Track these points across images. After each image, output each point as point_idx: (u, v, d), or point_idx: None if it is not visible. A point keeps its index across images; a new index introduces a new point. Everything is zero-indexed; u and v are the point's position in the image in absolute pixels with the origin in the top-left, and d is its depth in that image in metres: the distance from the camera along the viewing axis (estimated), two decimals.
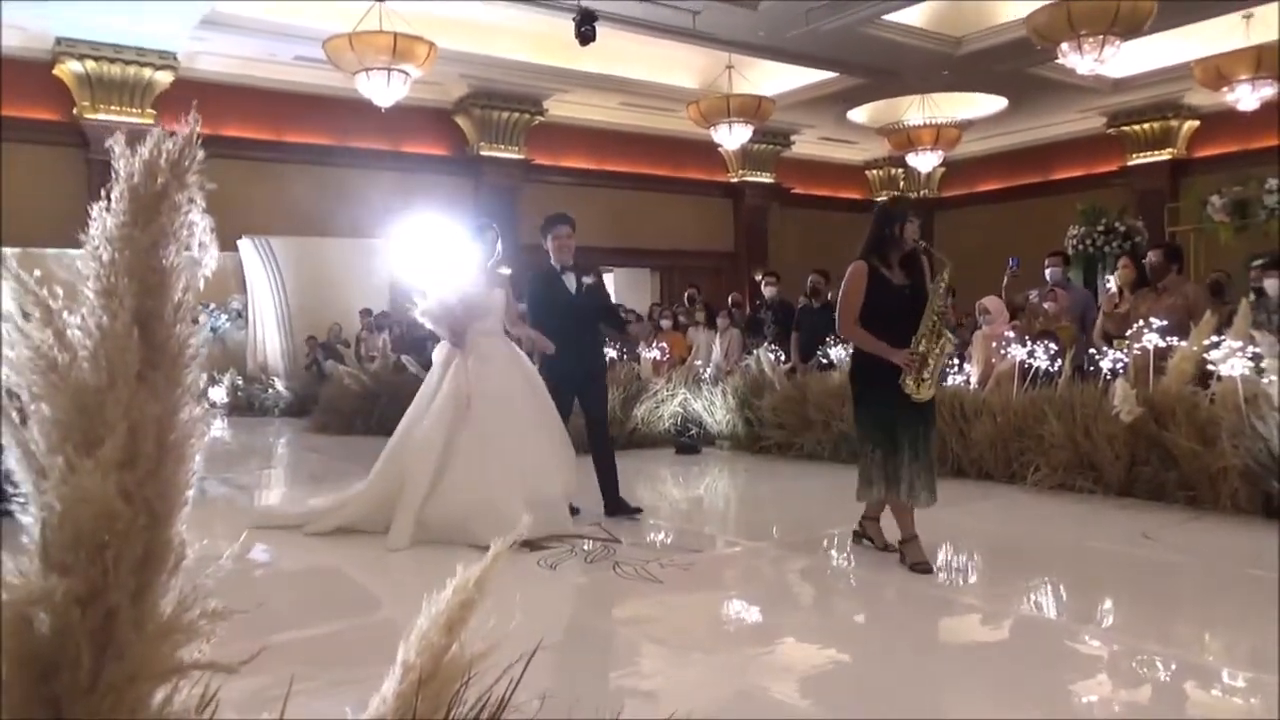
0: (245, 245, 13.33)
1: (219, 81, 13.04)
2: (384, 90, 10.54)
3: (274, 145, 13.71)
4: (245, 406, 12.79)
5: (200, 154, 0.95)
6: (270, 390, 12.75)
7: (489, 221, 5.49)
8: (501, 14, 11.40)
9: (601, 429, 5.39)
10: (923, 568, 4.03)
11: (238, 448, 10.01)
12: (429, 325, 5.17)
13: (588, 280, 5.46)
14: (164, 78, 12.35)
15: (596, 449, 5.34)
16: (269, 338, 13.52)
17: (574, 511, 5.01)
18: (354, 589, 3.96)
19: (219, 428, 11.63)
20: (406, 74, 10.52)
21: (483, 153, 14.77)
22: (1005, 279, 8.94)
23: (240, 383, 13.14)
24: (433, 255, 6.04)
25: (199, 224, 0.95)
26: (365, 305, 13.04)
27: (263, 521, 5.25)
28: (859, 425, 4.34)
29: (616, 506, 5.24)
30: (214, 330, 14.09)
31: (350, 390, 10.25)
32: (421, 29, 10.38)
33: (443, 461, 4.68)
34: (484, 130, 14.72)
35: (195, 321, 0.98)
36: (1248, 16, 11.22)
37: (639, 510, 5.27)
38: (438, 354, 5.15)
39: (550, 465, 4.80)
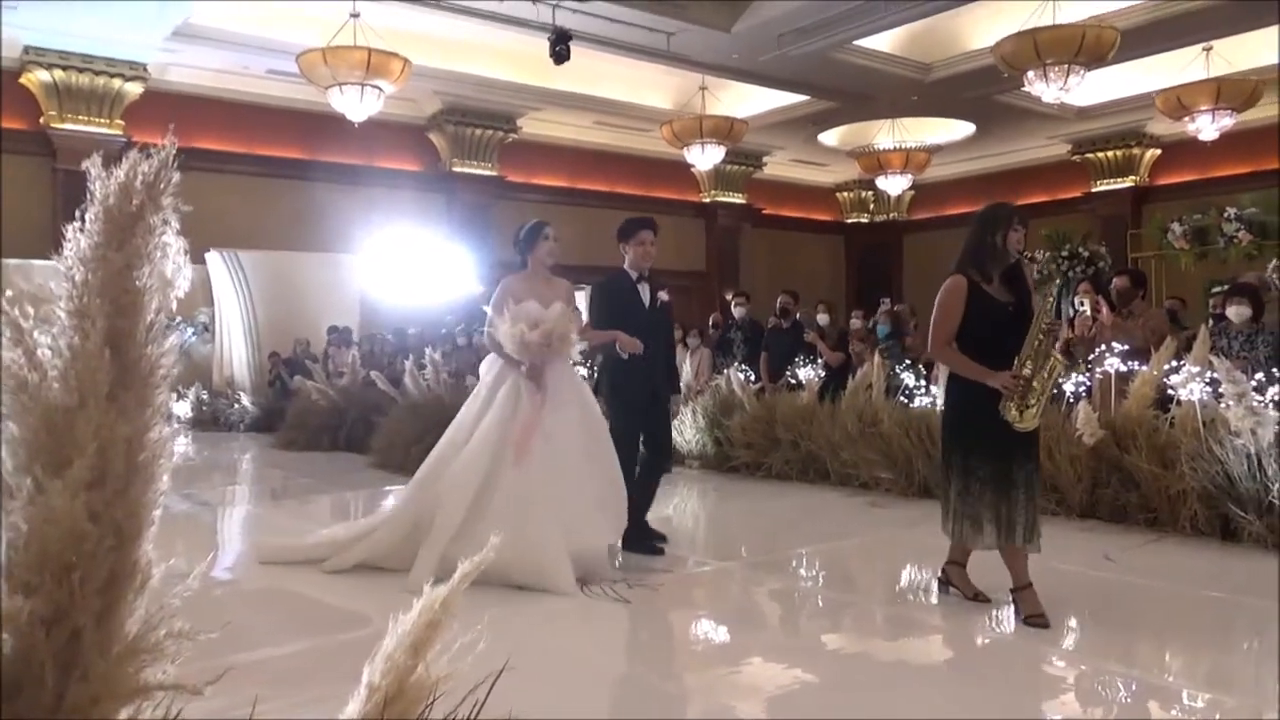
0: (213, 258, 13.20)
1: (190, 93, 12.97)
2: (357, 105, 10.53)
3: (245, 158, 13.63)
4: (210, 421, 12.63)
5: (176, 176, 0.95)
6: (236, 405, 12.60)
7: (541, 222, 4.72)
8: (476, 31, 11.44)
9: (663, 459, 4.90)
10: (1039, 621, 3.54)
11: (201, 463, 9.88)
12: (500, 356, 4.44)
13: (663, 295, 4.92)
14: (134, 89, 12.24)
15: (646, 475, 4.82)
16: (236, 352, 13.38)
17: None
18: (321, 608, 3.91)
19: (183, 443, 11.47)
20: (380, 89, 10.51)
21: (455, 169, 14.78)
22: None
23: (205, 397, 12.98)
24: (405, 270, 5.78)
25: (173, 245, 0.95)
26: (334, 322, 12.95)
27: (274, 556, 4.68)
28: (960, 458, 3.72)
29: (640, 531, 4.74)
30: (180, 344, 13.88)
31: (318, 406, 10.16)
32: (396, 45, 10.39)
33: (481, 497, 4.10)
34: (457, 146, 14.73)
35: (167, 342, 0.98)
36: (1207, 49, 11.53)
37: (663, 538, 4.84)
38: (486, 369, 4.57)
39: (598, 513, 4.25)
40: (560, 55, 10.41)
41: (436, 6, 10.54)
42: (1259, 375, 4.97)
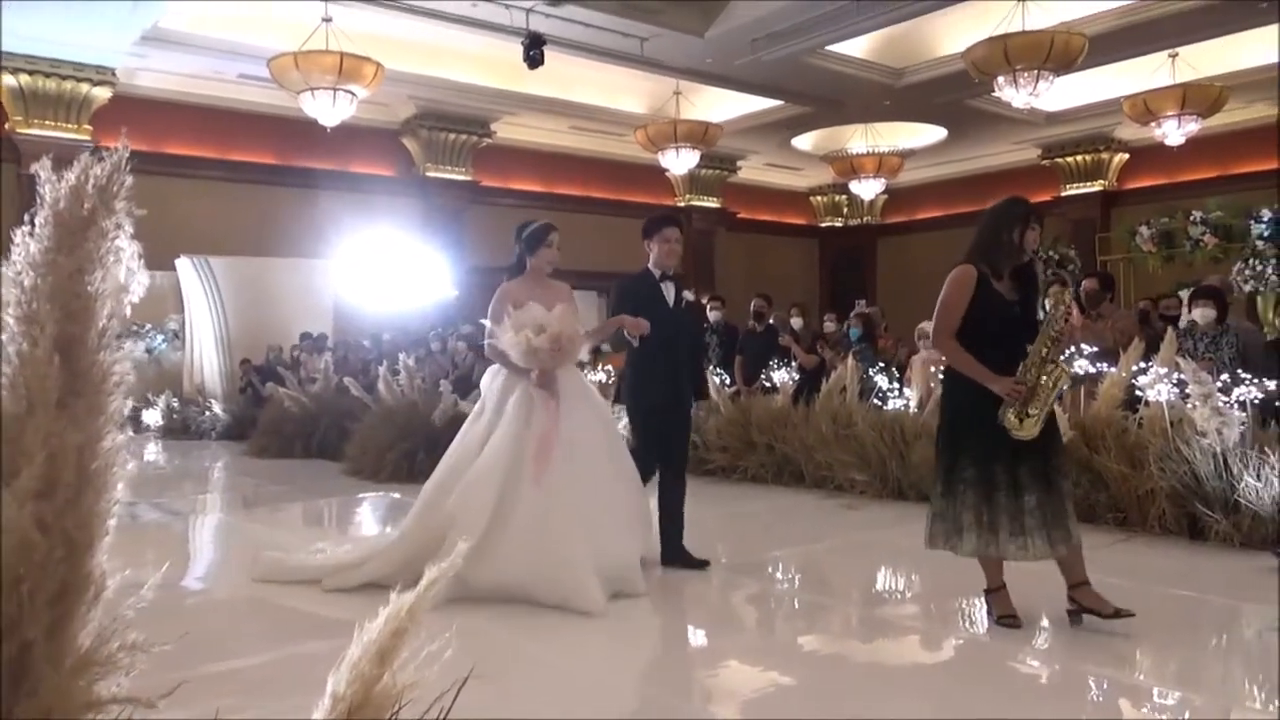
0: (183, 265, 13.06)
1: (160, 98, 12.84)
2: (330, 110, 10.46)
3: (216, 163, 13.51)
4: (181, 429, 12.47)
5: (129, 180, 0.94)
6: (207, 413, 12.46)
7: (547, 226, 4.43)
8: (450, 36, 11.40)
9: (680, 466, 4.64)
10: (1123, 611, 3.41)
11: (172, 471, 9.77)
12: (504, 365, 4.19)
13: (688, 295, 4.70)
14: (102, 93, 12.09)
15: (667, 489, 4.59)
16: (207, 359, 13.23)
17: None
18: (297, 617, 3.86)
19: (153, 451, 11.34)
20: (353, 94, 10.45)
21: (429, 174, 14.72)
22: None
23: (176, 405, 12.82)
24: (378, 276, 5.61)
25: (126, 250, 0.93)
26: (307, 328, 12.85)
27: (271, 575, 4.39)
28: (956, 457, 3.51)
29: (677, 555, 4.52)
30: (150, 351, 13.74)
31: (290, 413, 10.07)
32: (368, 49, 10.33)
33: (499, 514, 3.87)
34: (430, 151, 14.67)
35: (120, 348, 0.96)
36: (1173, 55, 11.71)
37: (705, 563, 4.54)
38: (490, 380, 4.29)
39: (625, 524, 4.06)
40: (534, 60, 10.41)
41: (409, 11, 10.50)
42: (1224, 376, 5.05)
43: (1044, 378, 3.41)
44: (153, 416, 12.76)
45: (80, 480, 0.83)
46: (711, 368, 8.26)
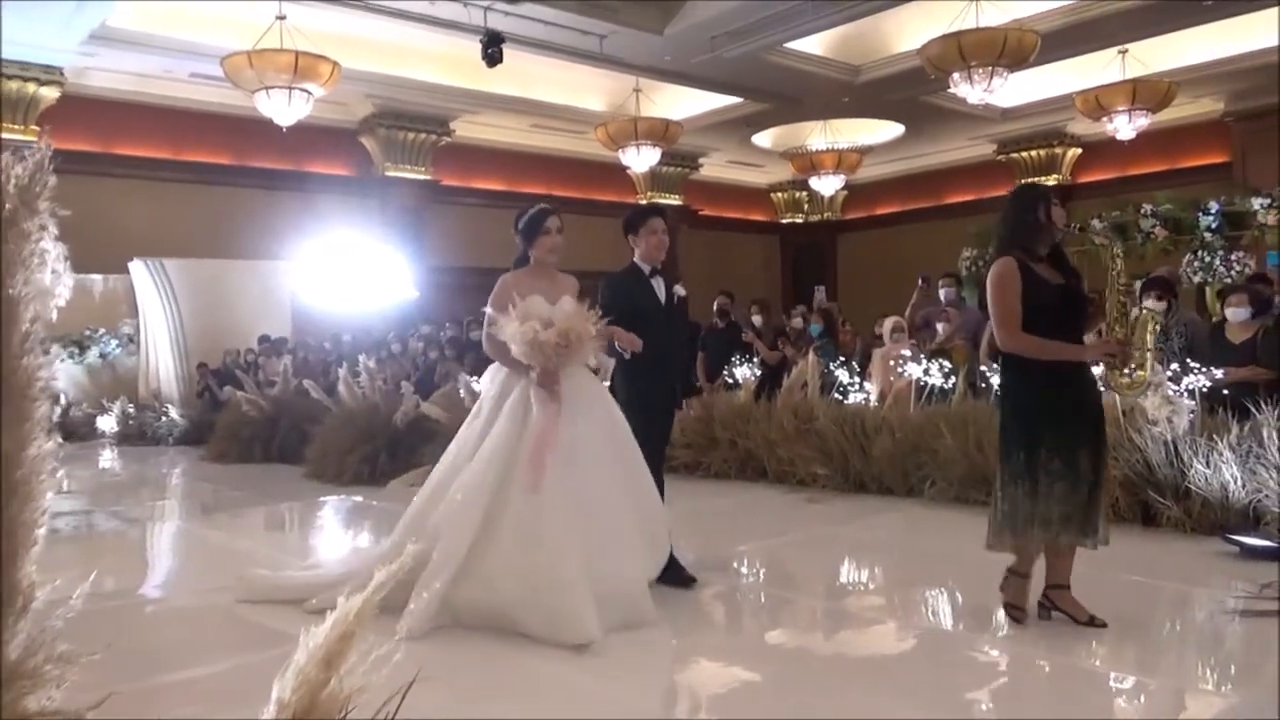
0: (137, 267, 12.82)
1: (111, 98, 12.58)
2: (285, 109, 10.31)
3: (169, 164, 13.28)
4: (137, 435, 12.24)
5: (52, 179, 0.91)
6: (164, 418, 12.25)
7: (543, 211, 4.06)
8: (407, 34, 11.30)
9: (659, 462, 4.29)
10: (1097, 621, 3.37)
11: (128, 479, 9.60)
12: (504, 362, 3.82)
13: (679, 290, 4.43)
14: (49, 93, 11.82)
15: None
16: (163, 363, 13.01)
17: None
18: (255, 626, 3.79)
19: (108, 458, 11.13)
20: (309, 93, 10.31)
21: (388, 173, 14.58)
22: (915, 296, 9.23)
23: (131, 410, 12.59)
24: (337, 277, 5.36)
25: (51, 252, 0.90)
26: (265, 330, 12.68)
27: (256, 594, 4.03)
28: (1035, 451, 3.33)
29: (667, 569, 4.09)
30: (104, 356, 13.48)
31: (249, 416, 9.93)
32: (324, 48, 10.20)
33: (487, 528, 3.51)
34: (389, 150, 14.54)
35: (46, 353, 0.94)
36: (1123, 52, 11.91)
37: (693, 580, 4.21)
38: (489, 379, 3.95)
39: (633, 540, 3.65)
40: (492, 58, 10.34)
41: (365, 9, 10.38)
42: (1174, 366, 5.16)
43: (1136, 325, 3.36)
44: (108, 423, 12.52)
45: (4, 489, 0.80)
46: None
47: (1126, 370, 3.35)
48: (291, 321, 13.43)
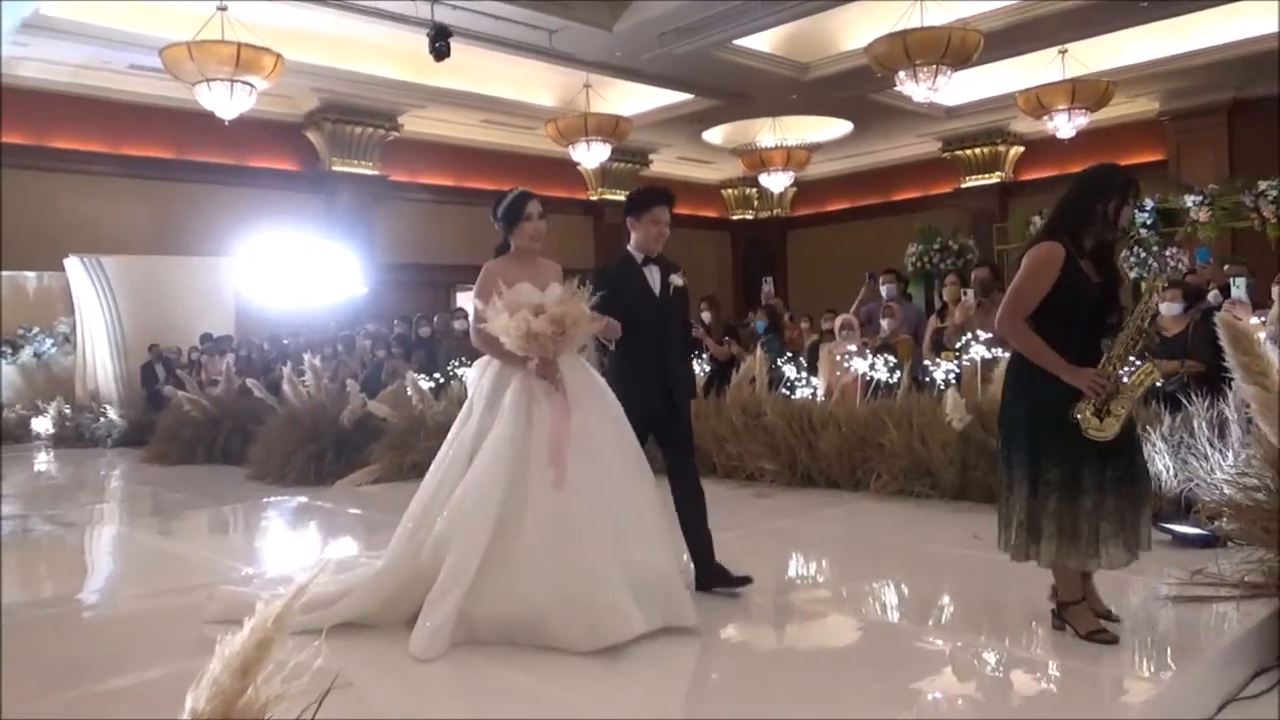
0: (73, 265, 12.48)
1: (45, 90, 12.20)
2: (227, 102, 10.11)
3: (107, 158, 12.92)
4: (74, 437, 11.93)
5: None
6: (102, 419, 11.95)
7: (523, 195, 3.77)
8: (353, 27, 11.14)
9: (691, 476, 4.02)
10: (1103, 638, 3.14)
11: (65, 482, 9.37)
12: (495, 355, 3.57)
13: (677, 281, 4.04)
14: None
15: (686, 503, 3.97)
16: (100, 363, 12.68)
17: None
18: (190, 633, 3.70)
19: (44, 461, 10.84)
20: (251, 86, 10.12)
21: (335, 168, 14.36)
22: (862, 292, 9.33)
23: (68, 412, 12.26)
24: (283, 274, 5.17)
25: None
26: (208, 328, 12.43)
27: (228, 614, 3.42)
28: (1037, 458, 3.10)
29: (713, 576, 3.92)
30: (38, 356, 13.11)
31: (190, 417, 9.73)
32: (267, 40, 10.02)
33: (505, 532, 3.27)
34: (336, 145, 14.32)
35: None
36: (1063, 52, 12.17)
37: (748, 580, 3.93)
38: (477, 375, 3.69)
39: (658, 534, 3.47)
40: (440, 52, 10.22)
41: (309, 1, 10.21)
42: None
43: (1135, 376, 3.04)
44: (43, 424, 12.19)
45: None
46: None
47: (1099, 409, 3.02)
48: (235, 320, 13.18)
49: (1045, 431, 3.07)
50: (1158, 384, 3.23)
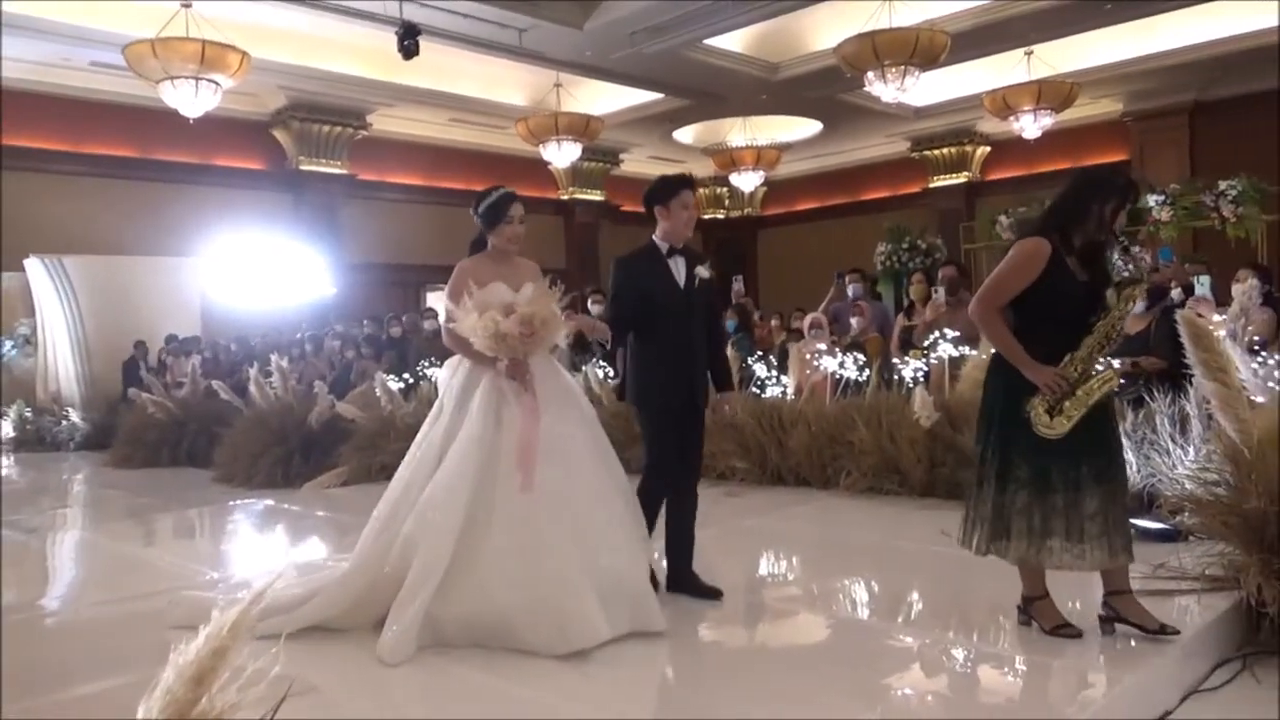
0: (33, 265, 12.26)
1: (5, 87, 11.94)
2: (192, 100, 9.98)
3: (68, 156, 12.70)
4: (35, 441, 11.73)
5: None
6: (64, 422, 11.75)
7: (507, 196, 3.66)
8: (320, 24, 11.03)
9: (693, 479, 3.95)
10: (1169, 628, 3.09)
11: (26, 486, 9.20)
12: (466, 355, 3.53)
13: (703, 272, 3.84)
14: None
15: (676, 503, 3.85)
16: (62, 365, 12.47)
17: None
18: (154, 639, 3.64)
19: (4, 465, 10.64)
20: (216, 83, 9.99)
21: (303, 167, 14.22)
22: (831, 292, 9.38)
23: (29, 414, 12.04)
24: (250, 274, 5.06)
25: None
26: (173, 329, 12.27)
27: (192, 619, 3.49)
28: (1007, 453, 3.10)
29: (684, 583, 3.83)
30: None
31: (155, 419, 9.59)
32: (233, 37, 9.90)
33: (469, 536, 3.24)
34: (304, 144, 14.18)
35: None
36: (1029, 53, 12.32)
37: (718, 595, 3.81)
38: (448, 375, 3.65)
39: (626, 539, 3.41)
40: (409, 50, 10.14)
41: None
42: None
43: (1092, 381, 3.03)
44: (3, 428, 11.95)
45: None
46: (595, 361, 8.26)
47: (1052, 408, 3.02)
48: (201, 321, 13.02)
49: (1019, 428, 3.08)
50: (1114, 392, 3.19)
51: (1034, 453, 3.06)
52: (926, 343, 6.29)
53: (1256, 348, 4.30)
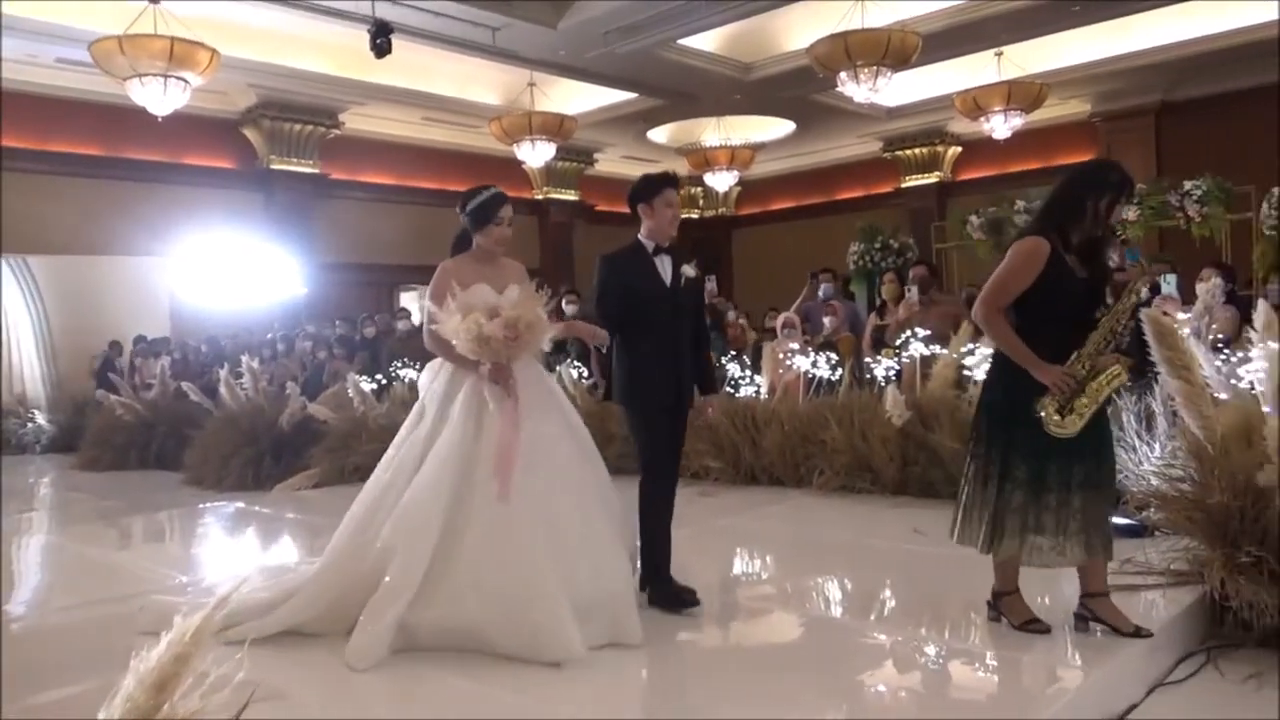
0: None
1: None
2: (160, 98, 9.84)
3: (33, 154, 12.45)
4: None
5: None
6: (30, 424, 11.57)
7: (498, 197, 3.60)
8: (291, 22, 10.92)
9: (670, 490, 3.86)
10: (1143, 630, 3.13)
11: None
12: (448, 358, 3.48)
13: (689, 271, 3.82)
14: None
15: (656, 513, 3.78)
16: (27, 366, 12.30)
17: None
18: (122, 644, 3.59)
19: None
20: (186, 81, 9.86)
21: (273, 166, 14.07)
22: (804, 291, 9.42)
23: None
24: (219, 274, 4.98)
25: None
26: (141, 330, 12.12)
27: (160, 625, 2.95)
28: (1006, 453, 3.11)
29: (663, 590, 3.74)
30: None
31: (123, 421, 9.47)
32: (202, 34, 9.78)
33: (448, 541, 3.19)
34: (274, 143, 14.03)
35: None
36: (999, 54, 12.43)
37: (694, 601, 3.72)
38: (429, 378, 3.60)
39: (608, 549, 3.35)
40: (381, 48, 10.07)
41: None
42: None
43: (1101, 377, 3.03)
44: None
45: None
46: (569, 361, 8.26)
47: (1063, 407, 3.02)
48: (170, 321, 12.86)
49: (1019, 428, 3.08)
50: (1125, 386, 3.23)
51: (1034, 454, 3.07)
52: (898, 342, 6.34)
53: (1220, 345, 4.36)
